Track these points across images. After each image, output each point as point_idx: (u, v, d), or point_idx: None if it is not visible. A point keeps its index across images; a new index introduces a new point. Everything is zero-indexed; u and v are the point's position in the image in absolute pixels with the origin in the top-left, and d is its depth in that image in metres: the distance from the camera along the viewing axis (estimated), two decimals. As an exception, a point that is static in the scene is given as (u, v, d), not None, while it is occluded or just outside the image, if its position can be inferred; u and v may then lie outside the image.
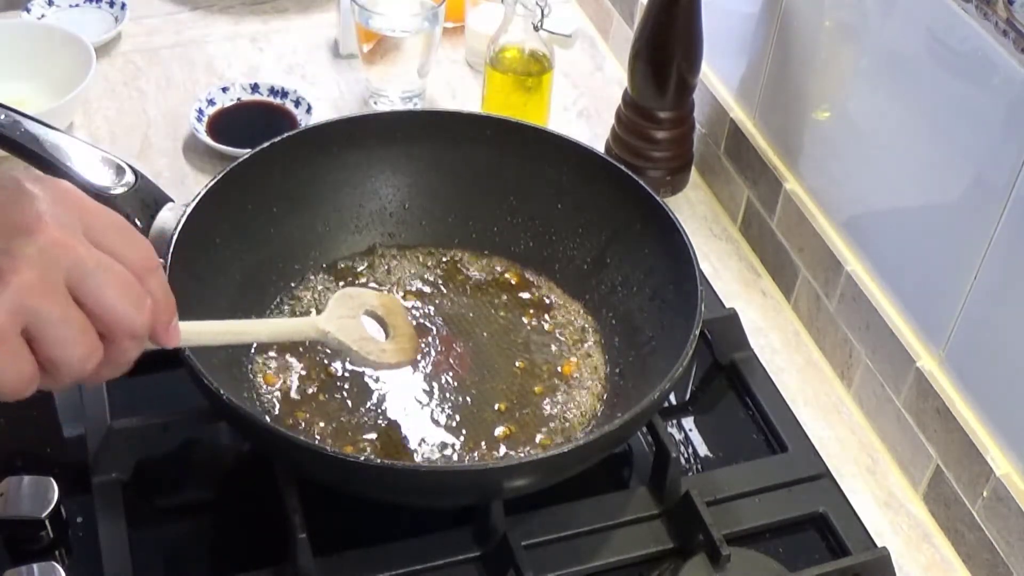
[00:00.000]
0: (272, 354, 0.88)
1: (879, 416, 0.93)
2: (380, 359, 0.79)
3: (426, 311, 0.93)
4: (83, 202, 0.57)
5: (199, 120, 1.13)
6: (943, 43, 0.82)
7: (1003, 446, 0.82)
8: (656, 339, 0.87)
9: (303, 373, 0.87)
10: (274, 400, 0.85)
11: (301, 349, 0.88)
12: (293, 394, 0.86)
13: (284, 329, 0.78)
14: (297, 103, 1.16)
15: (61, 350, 0.55)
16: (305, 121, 1.14)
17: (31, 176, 0.56)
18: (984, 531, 0.83)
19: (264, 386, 0.86)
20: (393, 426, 0.84)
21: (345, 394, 0.86)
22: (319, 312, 0.92)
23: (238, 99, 1.16)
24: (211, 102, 1.15)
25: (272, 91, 1.17)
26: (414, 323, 0.91)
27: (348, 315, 0.79)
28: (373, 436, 0.83)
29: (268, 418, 0.83)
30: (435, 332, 0.92)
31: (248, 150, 0.90)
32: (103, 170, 0.85)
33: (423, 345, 0.90)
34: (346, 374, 0.87)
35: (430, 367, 0.89)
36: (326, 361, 0.88)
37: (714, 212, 1.13)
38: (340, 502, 0.80)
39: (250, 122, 1.15)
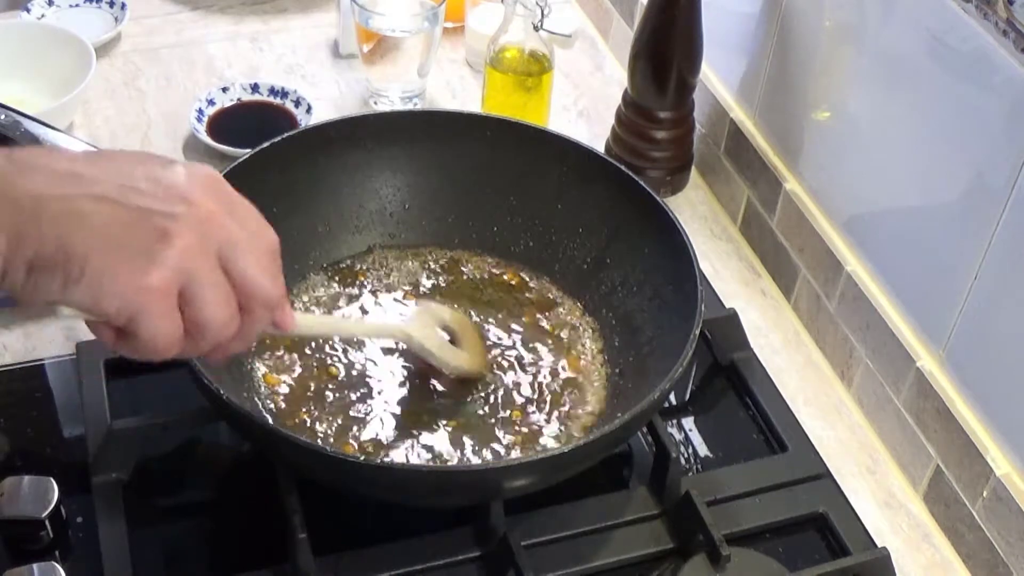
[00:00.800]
0: (273, 354, 0.88)
1: (879, 416, 0.93)
2: (459, 363, 0.85)
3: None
4: (228, 187, 0.63)
5: (199, 120, 1.13)
6: (943, 43, 0.82)
7: (1003, 446, 0.82)
8: (656, 339, 0.87)
9: (304, 373, 0.87)
10: (274, 400, 0.85)
11: (305, 349, 0.88)
12: (293, 394, 0.86)
13: (378, 329, 0.84)
14: (297, 103, 1.16)
15: (210, 312, 0.60)
16: (305, 121, 1.14)
17: (179, 161, 0.62)
18: (984, 531, 0.83)
19: (264, 386, 0.86)
20: (394, 426, 0.84)
21: (346, 394, 0.86)
22: (319, 312, 0.92)
23: (238, 99, 1.16)
24: (211, 102, 1.15)
25: (272, 91, 1.17)
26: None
27: (429, 324, 0.85)
28: (374, 436, 0.83)
29: (268, 418, 0.83)
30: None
31: (248, 150, 0.90)
32: (103, 170, 0.85)
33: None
34: (347, 375, 0.87)
35: (431, 367, 0.89)
36: (328, 361, 0.88)
37: (714, 212, 1.13)
38: (340, 502, 0.80)
39: (250, 122, 1.15)
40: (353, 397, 0.86)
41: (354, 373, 0.87)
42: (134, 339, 0.59)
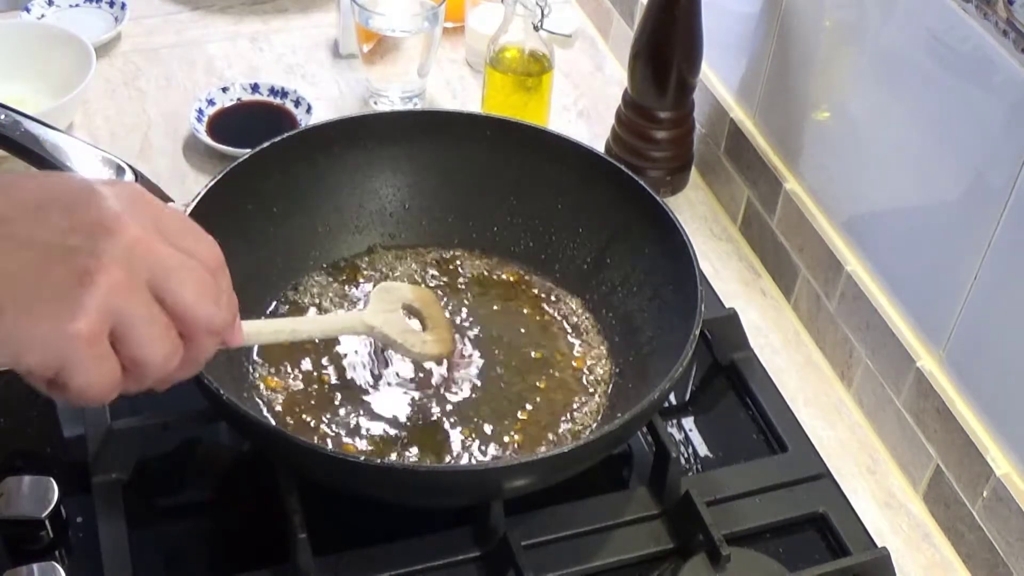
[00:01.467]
0: (278, 352, 0.88)
1: (879, 416, 0.93)
2: (423, 351, 0.81)
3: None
4: (156, 203, 0.57)
5: (199, 120, 1.13)
6: (943, 43, 0.82)
7: (1003, 446, 0.82)
8: (656, 339, 0.87)
9: (304, 372, 0.87)
10: (274, 400, 0.85)
11: (307, 346, 0.88)
12: (293, 394, 0.86)
13: (334, 326, 0.80)
14: (297, 103, 1.16)
15: (147, 349, 0.55)
16: (305, 121, 1.14)
17: (99, 179, 0.56)
18: (984, 531, 0.83)
19: (264, 386, 0.86)
20: (394, 426, 0.84)
21: (346, 394, 0.86)
22: (320, 310, 0.92)
23: (238, 99, 1.16)
24: (211, 102, 1.15)
25: (272, 91, 1.17)
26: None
27: (390, 309, 0.81)
28: (374, 436, 0.83)
29: (268, 418, 0.83)
30: (435, 332, 0.92)
31: (248, 150, 0.90)
32: (103, 170, 0.85)
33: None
34: (347, 374, 0.87)
35: (430, 366, 0.89)
36: (330, 359, 0.88)
37: (714, 212, 1.13)
38: (340, 502, 0.80)
39: (250, 122, 1.15)
40: (353, 397, 0.86)
41: (354, 372, 0.87)
42: (66, 389, 0.54)
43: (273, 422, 0.83)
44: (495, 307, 0.94)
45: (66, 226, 0.53)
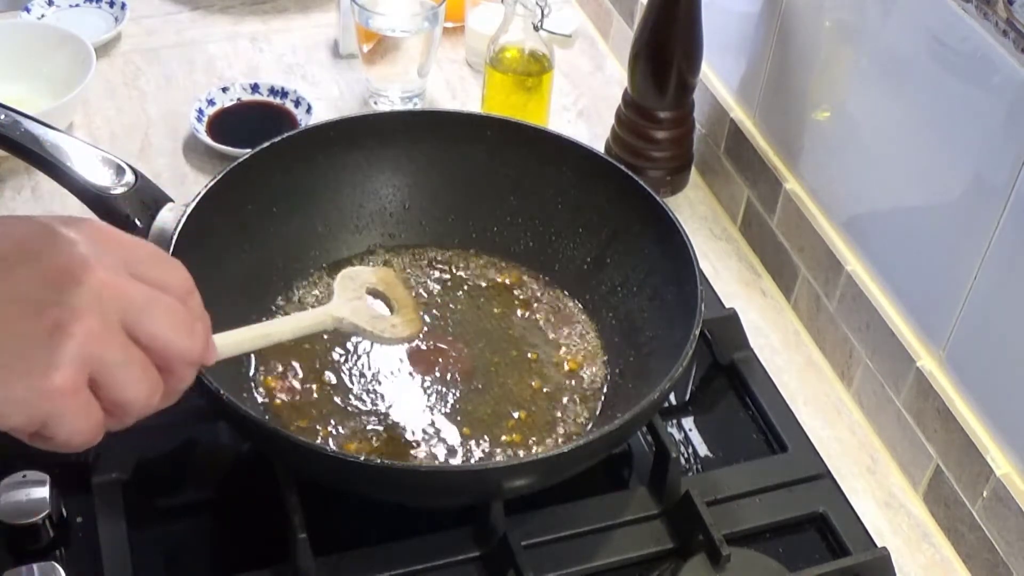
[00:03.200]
0: (278, 352, 0.88)
1: (879, 416, 0.93)
2: (393, 335, 0.80)
3: (426, 311, 0.93)
4: (119, 237, 0.56)
5: (199, 120, 1.13)
6: (943, 43, 0.82)
7: (1003, 446, 0.82)
8: (656, 339, 0.87)
9: (305, 372, 0.87)
10: (274, 400, 0.85)
11: (306, 346, 0.88)
12: (293, 394, 0.85)
13: (303, 324, 0.77)
14: (297, 103, 1.16)
15: (128, 391, 0.54)
16: (305, 121, 1.14)
17: (59, 219, 0.55)
18: (984, 531, 0.83)
19: (264, 386, 0.86)
20: (394, 426, 0.84)
21: (346, 394, 0.86)
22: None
23: (238, 99, 1.16)
24: (211, 102, 1.15)
25: (272, 91, 1.17)
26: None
27: (355, 297, 0.79)
28: (373, 436, 0.83)
29: (268, 418, 0.83)
30: (435, 332, 0.92)
31: (248, 150, 0.90)
32: (103, 170, 0.85)
33: (425, 344, 0.90)
34: (348, 374, 0.87)
35: (430, 367, 0.89)
36: (329, 358, 0.88)
37: (714, 212, 1.13)
38: (340, 502, 0.80)
39: (250, 122, 1.15)
40: (354, 397, 0.86)
41: (355, 373, 0.87)
42: (52, 440, 0.53)
43: (273, 422, 0.83)
44: (494, 307, 0.94)
45: (34, 277, 0.52)
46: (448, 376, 0.88)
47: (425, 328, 0.84)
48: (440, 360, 0.89)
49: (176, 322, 0.56)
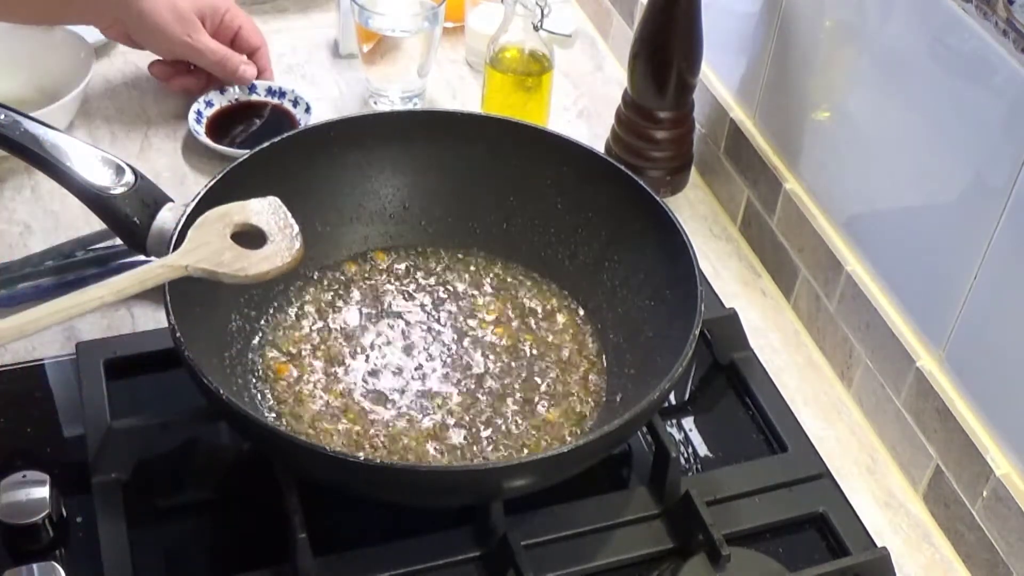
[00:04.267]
0: (277, 354, 0.88)
1: (879, 416, 0.93)
2: (258, 270, 0.76)
3: (425, 311, 0.93)
4: None
5: (198, 122, 1.13)
6: (943, 43, 0.82)
7: (1003, 446, 0.82)
8: (656, 339, 0.87)
9: (306, 372, 0.87)
10: (274, 399, 0.85)
11: (308, 347, 0.89)
12: (294, 393, 0.85)
13: (132, 282, 0.71)
14: (295, 103, 1.16)
15: None
16: (305, 120, 1.14)
17: None
18: (984, 531, 0.83)
19: (264, 385, 0.86)
20: (394, 426, 0.84)
21: (346, 395, 0.86)
22: (321, 311, 0.92)
23: (236, 99, 1.16)
24: (209, 103, 1.15)
25: (270, 91, 1.17)
26: (412, 323, 0.92)
27: (214, 239, 0.75)
28: (373, 436, 0.83)
29: (268, 416, 0.83)
30: (435, 332, 0.92)
31: (248, 151, 0.90)
32: (103, 170, 0.85)
33: (424, 345, 0.90)
34: (348, 375, 0.87)
35: (431, 367, 0.89)
36: (330, 358, 0.88)
37: (714, 212, 1.13)
38: (340, 502, 0.80)
39: (249, 122, 1.15)
40: (354, 397, 0.86)
41: (355, 373, 0.87)
42: None
43: (273, 422, 0.83)
44: (493, 307, 0.94)
45: None
46: (448, 376, 0.88)
47: (297, 255, 0.79)
48: (440, 360, 0.89)
49: None
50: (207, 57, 1.12)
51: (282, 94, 1.17)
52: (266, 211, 0.79)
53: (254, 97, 1.17)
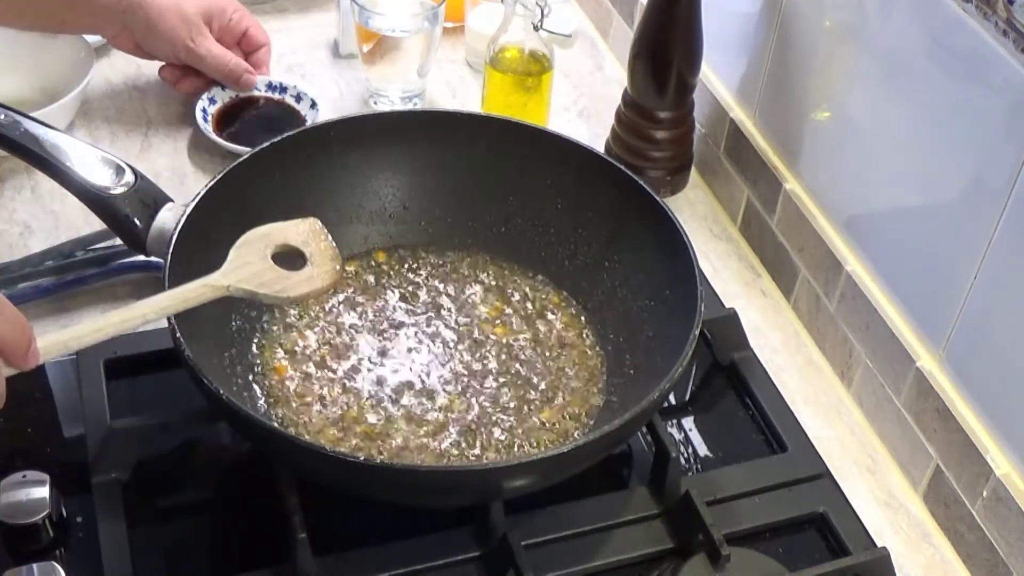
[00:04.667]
0: (277, 354, 0.88)
1: (879, 416, 0.93)
2: (298, 292, 0.77)
3: (425, 312, 0.93)
4: None
5: (205, 119, 1.12)
6: (943, 43, 0.82)
7: (1003, 446, 0.82)
8: (656, 339, 0.87)
9: (306, 372, 0.87)
10: (275, 399, 0.85)
11: (308, 347, 0.89)
12: (294, 394, 0.85)
13: (175, 300, 0.72)
14: (298, 98, 1.15)
15: None
16: (312, 118, 1.13)
17: None
18: (984, 531, 0.83)
19: (265, 385, 0.86)
20: (394, 426, 0.84)
21: (347, 395, 0.86)
22: (321, 310, 0.92)
23: (238, 95, 1.16)
24: (212, 100, 1.14)
25: (270, 86, 1.16)
26: (412, 323, 0.92)
27: (255, 259, 0.76)
28: (372, 436, 0.83)
29: (268, 417, 0.83)
30: (435, 332, 0.92)
31: (250, 149, 0.90)
32: (103, 170, 0.85)
33: (424, 345, 0.90)
34: (349, 375, 0.87)
35: (431, 366, 0.89)
36: (330, 358, 0.88)
37: (714, 212, 1.13)
38: (340, 502, 0.80)
39: (255, 118, 1.15)
40: (354, 398, 0.86)
41: (356, 373, 0.87)
42: None
43: (273, 422, 0.83)
44: (494, 307, 0.94)
45: None
46: (448, 376, 0.88)
47: (337, 277, 0.80)
48: (440, 360, 0.89)
49: None
50: (209, 63, 1.12)
51: (282, 89, 1.16)
52: (306, 232, 0.80)
53: (254, 93, 1.17)
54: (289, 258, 0.79)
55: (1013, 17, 0.74)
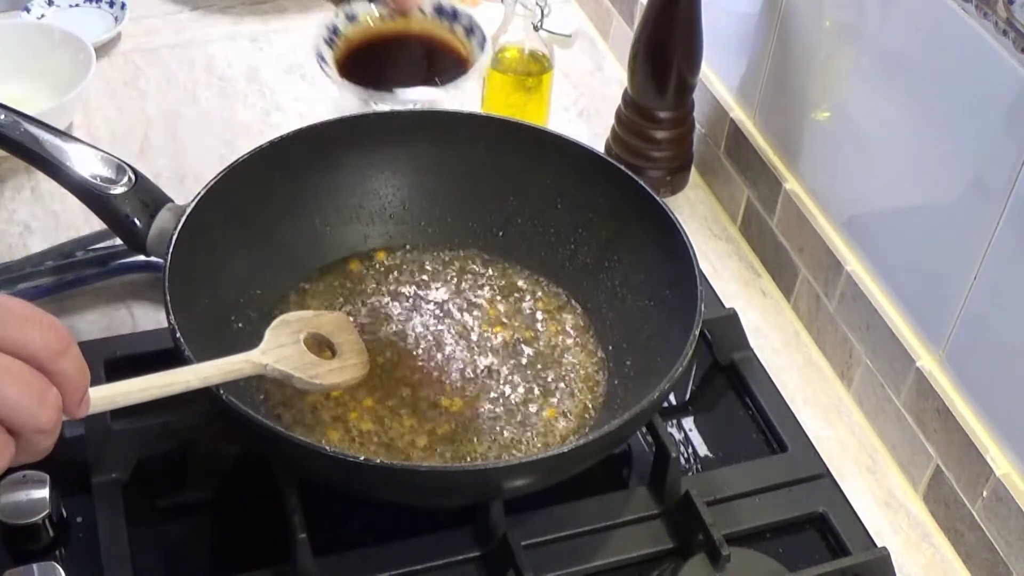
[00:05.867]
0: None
1: (879, 416, 0.93)
2: (328, 381, 0.79)
3: (425, 312, 0.93)
4: None
5: (323, 62, 0.91)
6: (943, 43, 0.82)
7: (1003, 446, 0.82)
8: (656, 339, 0.87)
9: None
10: (275, 400, 0.85)
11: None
12: (294, 393, 0.85)
13: (217, 371, 0.74)
14: (470, 31, 0.90)
15: None
16: (477, 57, 0.90)
17: None
18: (984, 531, 0.83)
19: (265, 386, 0.86)
20: (394, 426, 0.84)
21: (347, 395, 0.86)
22: (321, 310, 0.92)
23: (369, 27, 0.92)
24: (335, 31, 0.94)
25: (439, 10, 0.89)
26: (412, 323, 0.92)
27: (288, 342, 0.78)
28: (373, 436, 0.83)
29: (268, 417, 0.83)
30: (435, 332, 0.92)
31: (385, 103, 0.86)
32: (103, 170, 0.85)
33: (424, 345, 0.90)
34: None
35: (430, 366, 0.89)
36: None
37: (714, 212, 1.13)
38: (340, 502, 0.80)
39: (401, 56, 0.93)
40: (354, 399, 0.86)
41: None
42: None
43: (272, 422, 0.83)
44: (494, 307, 0.94)
45: None
46: (448, 376, 0.88)
47: (364, 371, 0.83)
48: (440, 360, 0.89)
49: (23, 389, 0.55)
50: None
51: (454, 16, 0.90)
52: (335, 324, 0.83)
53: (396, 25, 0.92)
54: (315, 345, 0.81)
55: (1013, 17, 0.74)
